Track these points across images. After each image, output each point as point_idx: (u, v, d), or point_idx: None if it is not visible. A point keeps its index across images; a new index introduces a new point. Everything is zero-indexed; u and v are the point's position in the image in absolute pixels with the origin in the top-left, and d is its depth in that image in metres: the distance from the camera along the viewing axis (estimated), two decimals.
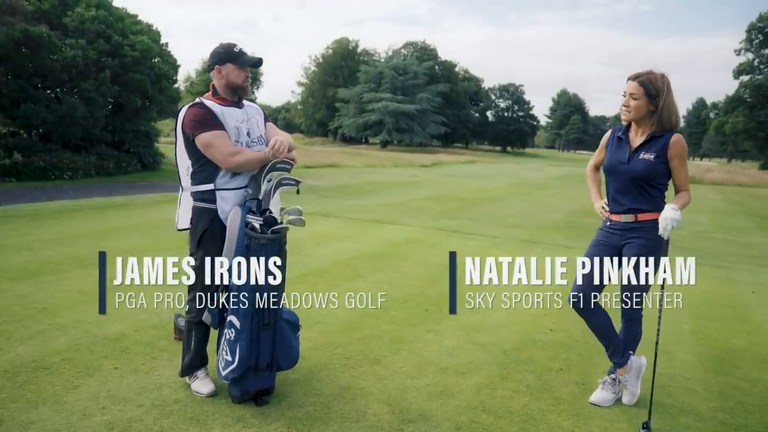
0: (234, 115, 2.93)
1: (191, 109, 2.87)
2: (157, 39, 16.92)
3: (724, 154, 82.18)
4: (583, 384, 3.49)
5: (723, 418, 3.17)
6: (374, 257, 6.74)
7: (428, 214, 11.55)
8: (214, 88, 2.96)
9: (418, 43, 64.52)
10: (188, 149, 2.94)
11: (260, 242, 2.79)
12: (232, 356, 2.80)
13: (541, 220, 12.00)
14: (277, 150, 2.85)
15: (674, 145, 2.90)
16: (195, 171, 2.95)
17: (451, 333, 4.25)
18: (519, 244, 8.41)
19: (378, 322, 4.41)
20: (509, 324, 4.53)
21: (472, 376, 3.51)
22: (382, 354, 3.77)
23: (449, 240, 8.29)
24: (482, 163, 41.13)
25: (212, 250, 2.94)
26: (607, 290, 3.24)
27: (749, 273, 7.14)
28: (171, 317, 4.19)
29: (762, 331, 4.80)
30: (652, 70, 2.96)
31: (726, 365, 3.96)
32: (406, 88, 55.56)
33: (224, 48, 2.92)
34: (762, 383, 3.70)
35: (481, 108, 77.82)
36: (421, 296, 5.21)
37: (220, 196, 2.90)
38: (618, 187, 3.04)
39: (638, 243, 3.00)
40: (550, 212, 13.75)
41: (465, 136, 71.39)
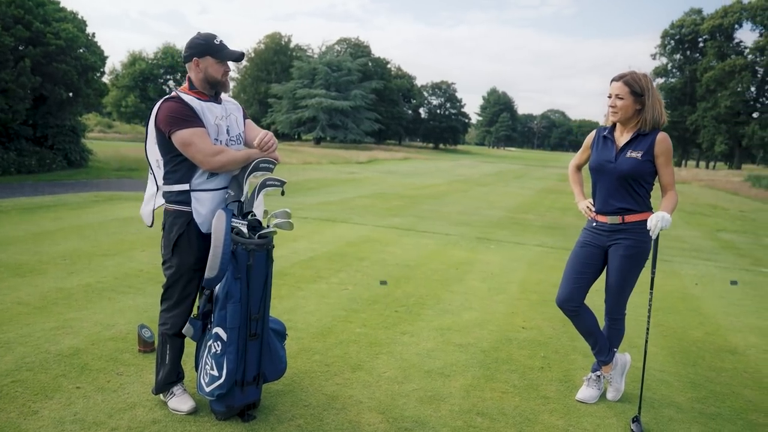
0: (214, 111, 2.72)
1: (167, 104, 2.63)
2: (83, 28, 15.87)
3: None
4: (566, 381, 3.51)
5: (699, 408, 3.29)
6: (333, 257, 6.59)
7: (375, 212, 11.48)
8: (190, 81, 2.73)
9: (351, 40, 64.36)
10: (162, 147, 2.71)
11: (247, 248, 2.60)
12: (219, 371, 2.60)
13: (485, 216, 12.20)
14: (266, 143, 2.68)
15: (660, 143, 2.94)
16: (169, 170, 2.71)
17: (427, 335, 4.19)
18: (473, 241, 8.49)
19: (351, 326, 4.28)
20: (483, 324, 4.52)
21: (457, 378, 3.45)
22: (362, 359, 3.65)
23: (405, 239, 8.25)
24: (418, 160, 41.56)
25: (188, 257, 2.72)
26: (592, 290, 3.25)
27: (689, 266, 7.53)
28: (129, 327, 3.90)
29: (713, 321, 5.05)
30: (634, 71, 2.99)
31: (691, 356, 4.12)
32: (339, 84, 55.30)
33: (204, 39, 2.70)
34: (726, 372, 3.87)
35: (414, 105, 78.68)
36: (389, 297, 5.12)
37: (196, 198, 2.68)
38: (605, 187, 3.04)
39: (625, 244, 3.03)
40: (492, 209, 14.02)
41: (398, 133, 71.98)
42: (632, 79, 2.94)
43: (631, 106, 2.96)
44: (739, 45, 49.41)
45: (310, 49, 63.92)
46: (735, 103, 46.80)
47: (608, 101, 3.03)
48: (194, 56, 2.68)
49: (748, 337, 4.64)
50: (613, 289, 3.12)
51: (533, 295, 5.52)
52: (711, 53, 48.23)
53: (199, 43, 2.69)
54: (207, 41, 2.69)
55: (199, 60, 2.68)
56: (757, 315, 5.36)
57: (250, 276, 2.62)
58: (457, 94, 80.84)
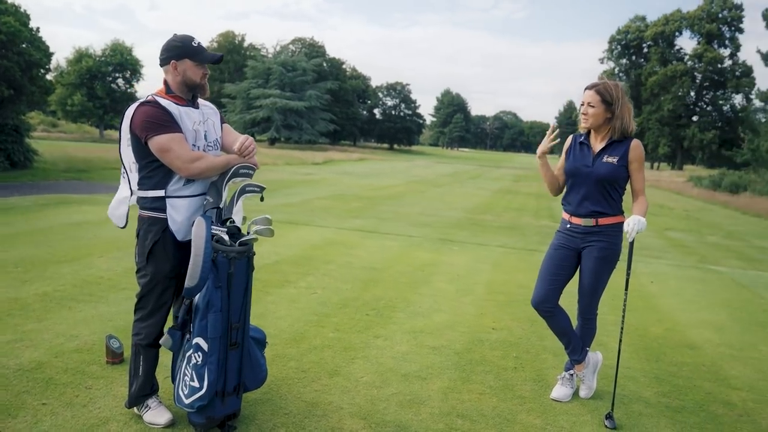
0: (191, 116, 2.65)
1: (143, 108, 2.55)
2: (26, 22, 15.15)
3: None
4: (540, 381, 3.60)
5: (665, 402, 3.43)
6: (299, 261, 6.52)
7: (335, 214, 11.44)
8: (167, 85, 2.66)
9: (306, 40, 63.89)
10: (137, 151, 2.62)
11: (228, 256, 2.55)
12: (200, 382, 2.54)
13: (444, 217, 12.34)
14: (247, 148, 2.63)
15: (634, 150, 3.06)
16: (144, 176, 2.63)
17: (400, 338, 4.21)
18: (436, 243, 8.57)
19: (323, 330, 4.26)
20: (454, 325, 4.57)
21: (434, 381, 3.48)
22: (338, 364, 3.63)
23: (369, 241, 8.25)
24: (373, 161, 41.62)
25: (163, 265, 2.65)
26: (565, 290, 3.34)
27: (642, 264, 7.82)
28: (94, 338, 3.76)
29: (671, 318, 5.26)
30: (606, 80, 3.11)
31: (653, 352, 4.28)
32: (294, 84, 54.80)
33: (182, 41, 2.63)
34: (687, 366, 4.05)
35: (369, 106, 78.81)
36: (358, 300, 5.11)
37: (171, 205, 2.60)
38: (581, 191, 3.13)
39: (598, 246, 3.13)
40: (451, 210, 14.19)
41: (353, 133, 71.91)
42: (604, 88, 3.05)
43: (601, 114, 3.06)
44: (679, 52, 51.72)
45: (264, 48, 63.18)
46: (677, 106, 48.96)
47: (581, 108, 3.13)
48: (172, 59, 2.61)
49: (703, 333, 4.87)
50: (586, 290, 3.22)
51: (500, 296, 5.62)
52: (654, 59, 50.30)
53: (176, 45, 2.62)
54: (185, 43, 2.62)
55: (177, 62, 2.60)
56: (709, 311, 5.62)
57: (231, 284, 2.57)
58: (411, 95, 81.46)
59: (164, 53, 2.63)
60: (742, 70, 46.77)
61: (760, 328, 5.15)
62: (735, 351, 4.46)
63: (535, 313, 5.02)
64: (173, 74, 2.63)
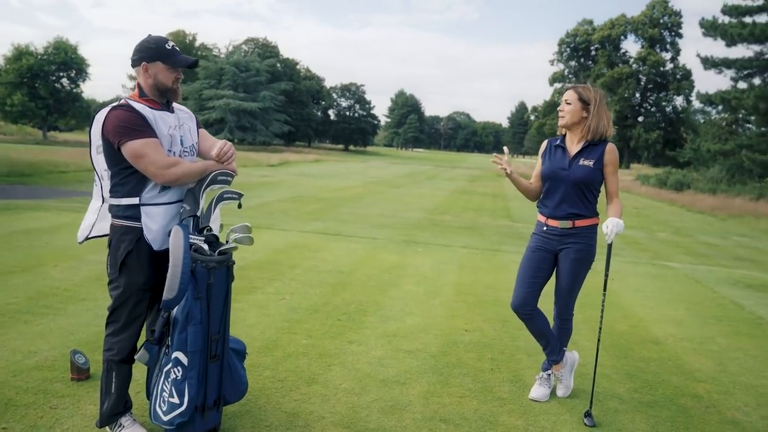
0: (167, 121, 2.55)
1: (116, 112, 2.43)
2: None
3: None
4: (517, 381, 3.63)
5: (638, 397, 3.52)
6: (264, 266, 6.40)
7: (296, 216, 11.30)
8: (140, 88, 2.54)
9: (259, 40, 63.04)
10: (109, 157, 2.49)
11: (208, 266, 2.46)
12: (180, 398, 2.43)
13: (404, 219, 12.37)
14: (225, 153, 2.55)
15: (610, 153, 3.13)
16: (117, 183, 2.51)
17: (375, 342, 4.17)
18: (400, 245, 8.57)
19: (296, 337, 4.18)
20: (427, 328, 4.57)
21: (414, 385, 3.46)
22: (315, 372, 3.57)
23: (333, 244, 8.17)
24: (329, 162, 41.42)
25: (137, 276, 2.53)
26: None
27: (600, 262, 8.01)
28: (55, 353, 3.57)
29: (634, 315, 5.42)
30: (588, 84, 3.19)
31: (621, 349, 4.39)
32: (248, 85, 53.98)
33: (155, 43, 2.52)
34: (654, 361, 4.17)
35: (323, 107, 78.44)
36: (329, 305, 5.05)
37: (146, 213, 2.49)
38: (559, 193, 3.17)
39: (575, 248, 3.19)
40: (410, 211, 14.24)
41: (308, 134, 71.40)
42: (582, 89, 3.13)
43: (577, 112, 3.12)
44: (625, 55, 53.67)
45: (216, 48, 61.97)
46: (623, 107, 50.74)
47: (560, 106, 3.19)
48: (143, 60, 2.50)
49: (664, 327, 5.03)
50: (563, 291, 3.27)
51: (469, 297, 5.66)
52: (602, 61, 52.01)
53: (148, 47, 2.51)
54: (157, 45, 2.52)
55: (149, 65, 2.50)
56: (668, 306, 5.83)
57: (210, 295, 2.48)
58: (366, 96, 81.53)
59: (136, 54, 2.52)
60: (682, 73, 48.95)
61: (716, 322, 5.37)
62: (696, 345, 4.63)
63: (505, 313, 5.13)
64: (144, 77, 2.52)
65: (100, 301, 4.65)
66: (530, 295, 3.24)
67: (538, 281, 3.26)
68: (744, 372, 4.10)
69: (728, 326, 5.24)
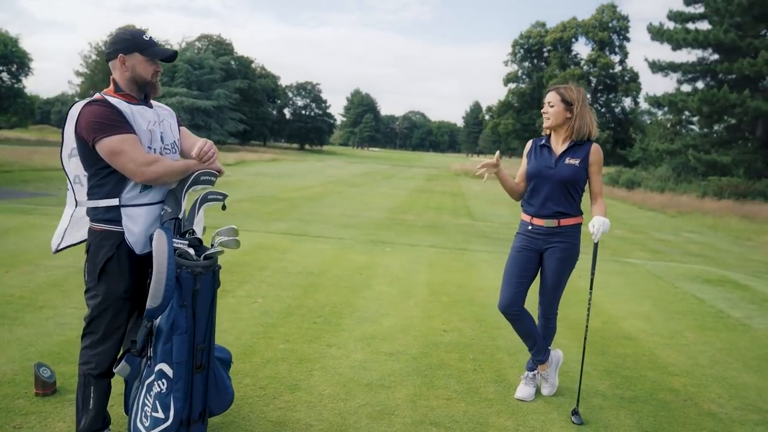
0: (146, 116, 2.40)
1: (90, 108, 2.27)
2: None
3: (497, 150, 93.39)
4: (501, 381, 3.62)
5: (619, 393, 3.57)
6: (232, 268, 6.20)
7: (258, 217, 11.07)
8: (115, 82, 2.38)
9: (213, 37, 61.67)
10: (85, 157, 2.33)
11: (194, 272, 2.33)
12: (165, 412, 2.29)
13: (367, 218, 12.31)
14: (206, 153, 2.41)
15: (594, 153, 3.15)
16: (94, 184, 2.34)
17: (354, 345, 4.09)
18: (368, 245, 8.49)
19: (273, 342, 4.05)
20: (405, 330, 4.51)
21: (399, 389, 3.40)
22: (296, 378, 3.46)
23: (300, 245, 8.02)
24: (286, 162, 40.93)
25: (117, 284, 2.37)
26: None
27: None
28: (15, 367, 3.34)
29: (604, 311, 5.52)
30: (570, 85, 3.19)
31: (597, 346, 4.45)
32: (202, 83, 52.79)
33: (131, 34, 2.37)
34: (629, 357, 4.24)
35: (279, 105, 77.48)
36: (302, 308, 4.93)
37: (127, 215, 2.33)
38: (545, 192, 3.17)
39: (561, 247, 3.19)
40: (372, 210, 14.19)
41: (263, 133, 70.40)
42: (564, 90, 3.13)
43: (561, 114, 3.13)
44: (576, 57, 55.08)
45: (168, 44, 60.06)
46: None
47: (544, 108, 3.18)
48: (120, 52, 2.34)
49: (635, 323, 5.14)
50: (549, 290, 3.27)
51: (443, 297, 5.64)
52: (554, 63, 53.21)
53: (124, 38, 2.36)
54: (134, 36, 2.37)
55: (126, 57, 2.34)
56: (635, 302, 5.96)
57: (196, 302, 2.35)
58: (322, 95, 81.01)
59: (111, 46, 2.36)
60: (630, 76, 50.60)
61: (681, 316, 5.52)
62: (666, 339, 4.74)
63: (481, 312, 5.14)
64: (121, 70, 2.36)
65: (60, 309, 4.40)
66: (518, 295, 3.23)
67: (525, 281, 3.26)
68: (713, 365, 4.22)
69: (693, 320, 5.40)
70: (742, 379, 3.98)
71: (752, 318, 5.62)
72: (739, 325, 5.34)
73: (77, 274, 5.40)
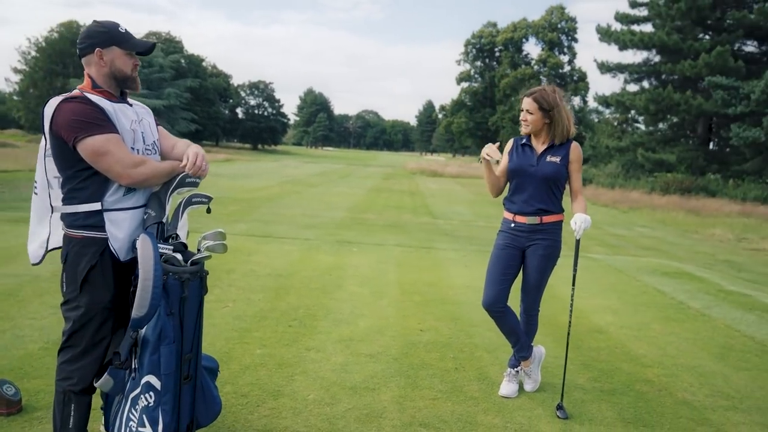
0: (128, 114, 2.28)
1: (70, 105, 2.13)
2: None
3: (450, 149, 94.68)
4: (483, 379, 3.63)
5: (598, 386, 3.64)
6: None
7: (216, 218, 10.78)
8: (92, 79, 2.24)
9: (162, 34, 59.88)
10: (61, 158, 2.18)
11: (181, 278, 2.22)
12: (153, 427, 2.18)
13: (328, 218, 12.22)
14: (199, 167, 2.30)
15: (574, 151, 3.20)
16: (73, 188, 2.20)
17: (333, 348, 4.02)
18: (334, 245, 8.41)
19: (249, 347, 3.94)
20: (381, 330, 4.47)
21: (384, 391, 3.36)
22: (278, 384, 3.37)
23: (266, 246, 7.87)
24: (240, 162, 40.26)
25: (102, 293, 2.24)
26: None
27: None
28: None
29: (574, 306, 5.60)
30: (544, 87, 3.20)
31: (572, 340, 4.47)
32: (151, 81, 51.13)
33: (107, 27, 2.24)
34: (603, 350, 4.34)
35: (231, 105, 76.03)
36: (275, 311, 4.82)
37: (111, 220, 2.21)
38: (527, 189, 3.20)
39: (543, 245, 3.23)
40: (332, 210, 14.11)
41: (216, 133, 68.88)
42: (540, 95, 3.13)
43: (539, 120, 3.16)
44: (527, 57, 56.33)
45: None
46: None
47: (521, 115, 3.20)
48: (96, 46, 2.21)
49: (604, 317, 5.26)
50: (532, 286, 3.31)
51: (415, 296, 5.63)
52: (506, 62, 54.26)
53: (100, 32, 2.23)
54: (110, 29, 2.24)
55: (103, 51, 2.21)
56: (601, 296, 6.11)
57: (184, 310, 2.24)
58: (275, 94, 79.90)
59: (86, 41, 2.23)
60: (578, 75, 52.16)
61: (646, 308, 5.70)
62: (634, 332, 4.87)
63: (454, 311, 5.15)
64: (98, 65, 2.23)
65: (17, 320, 4.16)
66: (502, 292, 3.25)
67: (509, 278, 3.28)
68: (681, 354, 4.36)
69: (658, 312, 5.57)
70: (709, 367, 4.13)
71: (710, 308, 5.85)
72: (700, 316, 5.55)
73: (33, 283, 5.13)
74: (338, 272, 6.52)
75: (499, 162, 3.22)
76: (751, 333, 5.07)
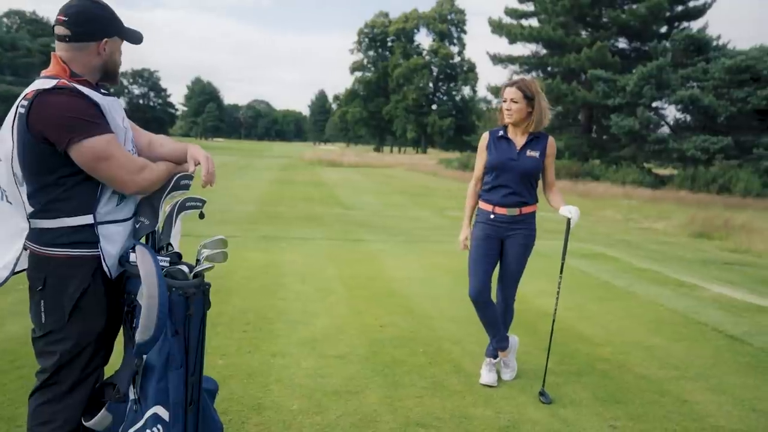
0: (116, 109, 1.97)
1: (59, 98, 1.76)
2: None
3: (344, 138, 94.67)
4: (459, 371, 3.64)
5: (566, 369, 3.81)
6: None
7: None
8: (67, 65, 1.87)
9: (26, 14, 54.14)
10: (39, 163, 1.81)
11: (186, 293, 1.98)
12: None
13: (241, 213, 11.75)
14: (213, 174, 2.08)
15: (551, 145, 3.31)
16: (54, 199, 1.84)
17: (298, 352, 3.85)
18: (260, 241, 8.08)
19: (209, 358, 3.58)
20: (341, 329, 4.35)
21: (368, 393, 3.26)
22: (255, 396, 3.16)
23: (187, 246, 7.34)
24: None
25: (96, 321, 1.93)
26: None
27: (449, 244, 8.51)
28: None
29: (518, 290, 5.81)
30: (523, 77, 3.26)
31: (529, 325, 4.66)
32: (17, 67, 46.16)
33: (112, 14, 1.91)
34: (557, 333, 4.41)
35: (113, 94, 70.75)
36: (223, 316, 4.53)
37: (104, 234, 1.89)
38: (507, 182, 3.24)
39: (522, 234, 3.30)
40: (241, 204, 13.59)
41: None
42: (524, 84, 3.19)
43: (524, 109, 3.20)
44: (418, 47, 57.64)
45: None
46: (419, 96, 54.55)
47: (504, 105, 3.21)
48: (104, 35, 1.88)
49: (546, 300, 5.46)
50: (511, 275, 3.37)
51: (361, 291, 5.54)
52: (398, 52, 55.18)
53: (108, 18, 1.91)
54: (113, 16, 1.93)
55: (109, 41, 1.90)
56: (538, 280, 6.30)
57: (189, 329, 2.00)
58: (161, 83, 75.54)
59: (89, 25, 1.87)
60: (468, 66, 54.28)
61: (579, 289, 6.04)
62: (576, 313, 5.14)
63: (406, 304, 5.14)
64: (93, 54, 1.89)
65: None
66: (488, 282, 3.31)
67: (490, 268, 3.33)
68: (624, 332, 4.66)
69: (590, 292, 5.93)
70: (650, 341, 4.45)
71: (632, 285, 6.32)
72: (626, 293, 5.98)
73: None
74: (274, 270, 6.27)
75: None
76: (672, 306, 5.54)
